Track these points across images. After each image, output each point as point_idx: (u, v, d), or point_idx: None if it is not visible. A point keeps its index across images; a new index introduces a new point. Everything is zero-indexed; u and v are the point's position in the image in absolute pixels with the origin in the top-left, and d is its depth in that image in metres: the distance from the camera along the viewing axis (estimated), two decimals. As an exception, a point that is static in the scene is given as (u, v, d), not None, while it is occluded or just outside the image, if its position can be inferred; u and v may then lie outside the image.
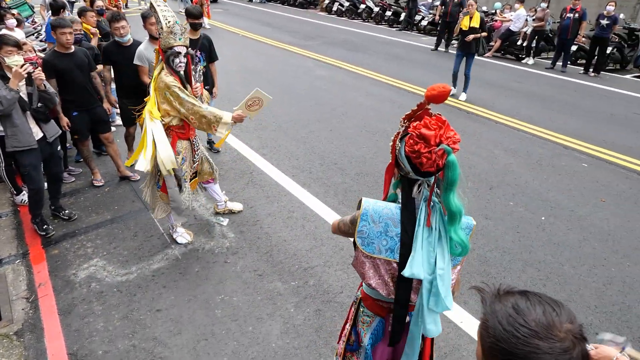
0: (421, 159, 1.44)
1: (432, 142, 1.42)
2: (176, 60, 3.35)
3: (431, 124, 1.44)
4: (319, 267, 3.69)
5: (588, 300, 3.47)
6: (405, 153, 1.49)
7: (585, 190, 5.10)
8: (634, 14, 12.34)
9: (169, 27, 3.30)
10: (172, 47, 3.33)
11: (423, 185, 1.55)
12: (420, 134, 1.43)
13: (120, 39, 4.66)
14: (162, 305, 3.27)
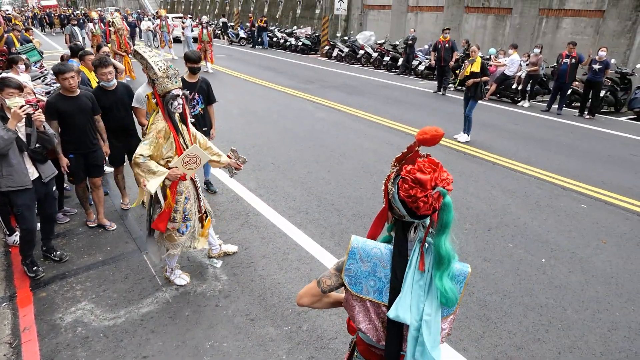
0: (418, 203, 1.41)
1: (427, 186, 1.40)
2: (174, 103, 3.40)
3: (425, 167, 1.42)
4: (313, 312, 3.57)
5: (593, 346, 3.33)
6: (400, 197, 1.45)
7: (585, 231, 5.02)
8: (624, 59, 12.68)
9: (164, 72, 3.36)
10: (170, 90, 3.38)
11: (419, 227, 1.52)
12: (416, 178, 1.41)
13: (106, 83, 4.74)
14: (149, 352, 3.15)
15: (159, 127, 3.39)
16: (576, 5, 13.74)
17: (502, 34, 15.89)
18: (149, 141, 3.37)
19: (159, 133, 3.39)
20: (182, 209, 3.62)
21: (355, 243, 1.57)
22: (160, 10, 20.85)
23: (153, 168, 3.33)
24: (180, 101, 3.42)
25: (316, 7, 24.98)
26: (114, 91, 4.81)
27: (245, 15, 30.20)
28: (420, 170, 1.42)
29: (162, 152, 3.44)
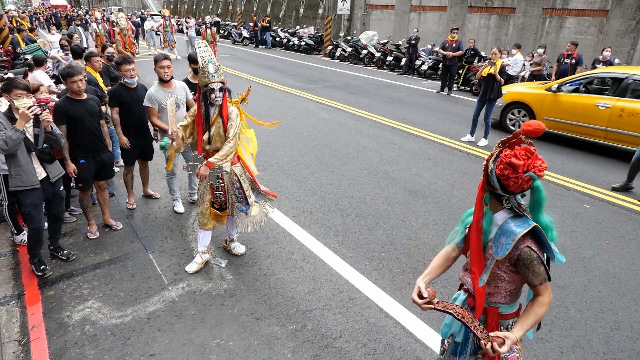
0: (508, 182, 1.73)
1: (519, 170, 1.69)
2: (212, 96, 3.69)
3: (520, 154, 1.71)
4: (317, 311, 3.61)
5: (596, 346, 3.35)
6: (496, 174, 1.77)
7: (588, 232, 5.04)
8: (628, 58, 12.66)
9: (203, 66, 3.63)
10: (208, 84, 3.65)
11: (510, 199, 1.82)
12: (510, 162, 1.71)
13: (130, 80, 4.81)
14: (156, 350, 3.19)
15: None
16: (580, 5, 13.73)
17: (506, 33, 15.89)
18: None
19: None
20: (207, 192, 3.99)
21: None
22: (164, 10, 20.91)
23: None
24: (218, 94, 3.69)
25: (319, 6, 25.00)
26: (135, 89, 4.88)
27: (248, 15, 30.26)
28: (516, 156, 1.71)
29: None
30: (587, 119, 7.78)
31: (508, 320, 2.04)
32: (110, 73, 6.47)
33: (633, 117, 7.17)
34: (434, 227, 5.02)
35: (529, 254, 1.78)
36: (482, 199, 1.90)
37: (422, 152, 7.60)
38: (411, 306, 3.69)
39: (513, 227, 1.79)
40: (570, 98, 8.06)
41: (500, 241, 1.83)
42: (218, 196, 4.00)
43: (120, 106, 4.79)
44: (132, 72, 4.79)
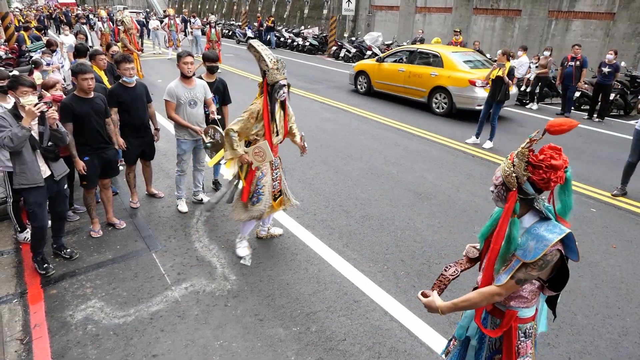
0: (549, 183, 1.75)
1: (560, 169, 1.73)
2: (280, 92, 3.91)
3: (556, 154, 1.76)
4: (321, 312, 3.58)
5: (604, 352, 3.31)
6: (530, 180, 1.78)
7: (595, 236, 4.99)
8: (635, 62, 12.58)
9: (274, 64, 3.80)
10: (278, 81, 3.86)
11: (538, 199, 1.85)
12: (551, 164, 1.74)
13: (128, 79, 4.79)
14: (158, 351, 3.16)
15: (253, 109, 3.95)
16: (586, 8, 13.66)
17: (511, 35, 15.83)
18: (242, 119, 3.94)
19: (252, 114, 3.95)
20: (256, 182, 4.11)
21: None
22: (169, 9, 20.94)
23: (234, 146, 3.95)
24: (285, 90, 3.94)
25: (324, 7, 24.99)
26: (134, 88, 4.87)
27: (253, 15, 30.28)
28: (552, 157, 1.75)
29: (250, 130, 3.99)
30: (394, 80, 11.35)
31: (526, 324, 2.02)
32: (114, 71, 6.45)
33: (416, 77, 10.78)
34: (439, 230, 4.98)
35: (553, 256, 1.78)
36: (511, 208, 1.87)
37: (426, 153, 7.56)
38: (416, 309, 3.65)
39: (544, 232, 1.79)
40: (387, 66, 11.62)
41: (528, 245, 1.80)
42: (275, 186, 4.26)
43: (118, 106, 4.76)
44: (131, 71, 4.77)
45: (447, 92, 10.10)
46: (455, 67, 10.09)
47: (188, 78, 4.79)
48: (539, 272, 1.80)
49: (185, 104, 4.81)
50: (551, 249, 1.75)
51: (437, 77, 10.27)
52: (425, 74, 10.53)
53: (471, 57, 10.74)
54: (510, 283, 1.83)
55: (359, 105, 11.06)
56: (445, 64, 10.24)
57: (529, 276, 1.80)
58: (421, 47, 11.24)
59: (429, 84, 10.44)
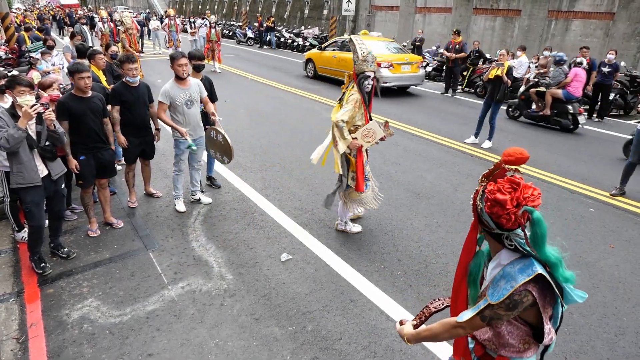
0: (500, 220, 1.54)
1: (507, 206, 1.50)
2: (365, 82, 4.22)
3: (504, 188, 1.52)
4: (317, 312, 3.57)
5: (600, 352, 3.30)
6: (486, 212, 1.58)
7: (593, 235, 4.98)
8: (634, 62, 12.56)
9: (364, 56, 4.16)
10: (364, 72, 4.19)
11: (512, 237, 1.60)
12: (495, 198, 1.52)
13: (131, 79, 4.80)
14: (154, 350, 3.17)
15: (356, 97, 4.25)
16: (586, 8, 13.65)
17: (511, 35, 15.82)
18: (348, 109, 4.23)
19: (356, 103, 4.25)
20: (367, 170, 4.50)
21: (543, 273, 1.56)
22: (169, 9, 20.96)
23: (345, 135, 4.23)
24: (370, 82, 4.21)
25: (324, 7, 25.00)
26: (137, 88, 4.88)
27: (253, 15, 30.29)
28: (499, 190, 1.53)
29: (354, 119, 4.28)
30: (330, 64, 13.75)
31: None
32: (114, 71, 6.47)
33: (344, 61, 12.77)
34: (437, 229, 4.97)
35: (523, 297, 1.54)
36: (473, 239, 1.72)
37: (425, 153, 7.55)
38: (413, 308, 3.65)
39: (515, 272, 1.56)
40: (326, 54, 13.97)
41: (499, 284, 1.59)
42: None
43: (121, 105, 4.77)
44: (135, 72, 4.78)
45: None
46: None
47: (183, 79, 4.79)
48: (508, 312, 1.56)
49: (182, 104, 4.81)
50: (520, 289, 1.52)
51: None
52: (349, 59, 11.31)
53: (387, 44, 12.99)
54: (475, 320, 1.62)
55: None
56: None
57: (497, 315, 1.57)
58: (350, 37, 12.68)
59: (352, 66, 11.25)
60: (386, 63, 11.67)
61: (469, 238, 1.74)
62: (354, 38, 4.30)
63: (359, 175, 4.43)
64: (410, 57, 12.52)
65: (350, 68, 11.40)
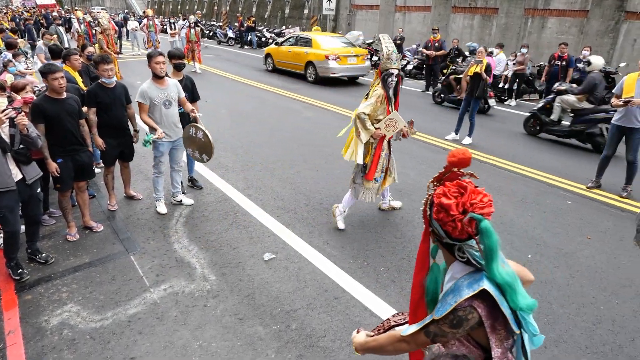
0: (446, 227, 1.41)
1: (453, 212, 1.37)
2: (389, 80, 4.47)
3: (450, 192, 1.41)
4: (301, 310, 3.58)
5: (579, 340, 3.38)
6: (434, 219, 1.46)
7: (570, 227, 5.10)
8: (608, 58, 12.88)
9: (388, 54, 4.39)
10: (388, 69, 4.42)
11: (465, 249, 1.46)
12: (440, 203, 1.40)
13: (107, 80, 4.72)
14: (136, 353, 3.12)
15: (379, 93, 4.51)
16: (561, 5, 13.95)
17: (489, 33, 16.06)
18: (370, 103, 4.51)
19: (379, 98, 4.51)
20: (382, 162, 4.74)
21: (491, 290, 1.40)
22: (147, 10, 20.66)
23: (367, 126, 4.49)
24: (394, 79, 4.47)
25: (305, 7, 24.98)
26: (113, 89, 4.79)
27: (233, 15, 30.09)
28: (445, 194, 1.41)
29: (376, 113, 4.55)
30: (285, 58, 14.92)
31: None
32: (90, 72, 6.36)
33: (297, 55, 14.16)
34: (419, 225, 5.02)
35: (468, 313, 1.40)
36: (426, 251, 1.59)
37: (407, 150, 7.61)
38: (396, 304, 3.68)
39: (464, 286, 1.42)
40: (283, 49, 15.11)
41: (446, 298, 1.45)
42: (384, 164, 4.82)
43: (97, 106, 4.68)
44: (110, 72, 4.70)
45: (313, 65, 13.55)
46: (319, 46, 13.56)
47: (160, 78, 4.73)
48: (453, 330, 1.42)
49: (160, 104, 4.75)
50: (464, 304, 1.39)
51: (308, 54, 13.79)
52: (301, 53, 14.02)
53: (336, 39, 14.60)
54: (419, 335, 1.48)
55: (339, 103, 11.08)
56: (313, 45, 13.75)
57: (441, 332, 1.43)
58: (301, 33, 15.48)
59: (304, 59, 13.91)
60: (333, 56, 13.02)
61: (421, 249, 1.60)
62: (382, 36, 4.56)
63: (373, 165, 4.68)
64: (356, 50, 13.82)
65: (301, 60, 12.60)
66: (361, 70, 13.99)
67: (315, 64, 13.48)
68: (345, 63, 13.26)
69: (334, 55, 13.04)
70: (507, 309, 1.39)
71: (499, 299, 1.38)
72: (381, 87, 4.52)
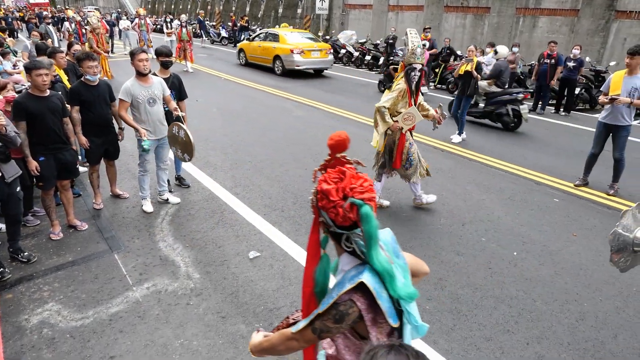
0: (329, 214, 1.37)
1: (333, 197, 1.35)
2: (412, 74, 4.66)
3: (331, 177, 1.38)
4: (285, 308, 3.56)
5: (561, 336, 3.38)
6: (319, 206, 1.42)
7: (556, 225, 5.11)
8: (599, 57, 12.96)
9: (412, 49, 4.57)
10: (412, 64, 4.60)
11: (353, 239, 1.42)
12: (321, 189, 1.38)
13: (92, 77, 4.68)
14: (116, 352, 3.10)
15: (401, 87, 4.74)
16: (552, 5, 14.00)
17: (481, 32, 16.10)
18: (392, 97, 4.74)
19: (400, 92, 4.74)
20: (406, 152, 4.98)
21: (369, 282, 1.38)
22: (139, 9, 20.56)
23: (386, 118, 4.78)
24: (417, 74, 4.65)
25: (298, 6, 24.95)
26: (97, 86, 4.75)
27: (226, 15, 30.01)
28: (325, 180, 1.38)
29: (397, 106, 4.80)
30: (255, 53, 16.14)
31: None
32: (77, 71, 6.30)
33: (266, 49, 15.39)
34: (406, 222, 5.02)
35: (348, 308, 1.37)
36: (316, 240, 1.52)
37: (397, 149, 7.61)
38: (380, 301, 3.67)
39: (347, 279, 1.40)
40: (254, 44, 16.30)
41: (332, 292, 1.42)
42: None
43: (80, 104, 4.64)
44: (95, 69, 4.66)
45: (280, 59, 14.67)
46: (285, 41, 14.72)
47: (144, 76, 4.70)
48: (337, 325, 1.38)
49: (144, 102, 4.72)
50: (344, 297, 1.37)
51: (275, 48, 14.92)
52: (270, 47, 15.25)
53: (302, 34, 15.74)
54: (306, 332, 1.44)
55: (331, 102, 11.07)
56: (280, 40, 14.92)
57: (326, 327, 1.39)
58: (270, 30, 16.58)
59: (272, 53, 15.08)
60: (298, 50, 14.15)
61: (311, 240, 1.53)
62: (409, 31, 4.75)
63: (397, 154, 4.95)
64: (319, 45, 15.00)
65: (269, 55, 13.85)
66: (324, 63, 15.01)
67: (282, 57, 14.62)
68: (309, 57, 14.37)
69: (298, 49, 14.18)
70: (385, 301, 1.37)
71: (377, 293, 1.36)
72: (404, 81, 4.72)
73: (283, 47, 14.65)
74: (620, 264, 2.02)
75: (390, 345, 0.97)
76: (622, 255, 2.00)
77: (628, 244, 1.93)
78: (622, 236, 1.97)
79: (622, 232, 1.98)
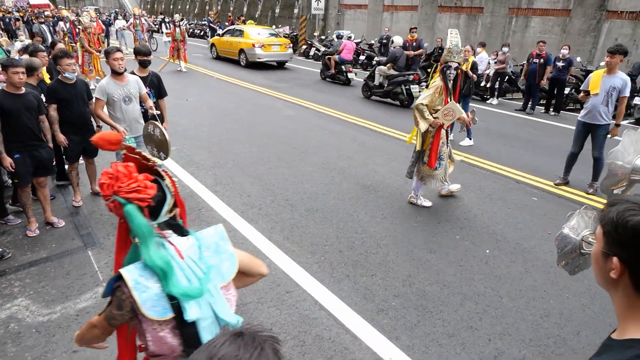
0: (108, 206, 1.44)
1: (104, 192, 1.42)
2: (447, 72, 4.85)
3: (108, 173, 1.44)
4: (251, 304, 3.59)
5: (524, 333, 3.41)
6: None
7: (533, 223, 5.13)
8: (590, 57, 12.96)
9: (449, 48, 4.76)
10: (447, 62, 4.81)
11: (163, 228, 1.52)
12: (101, 184, 1.44)
13: (70, 74, 4.72)
14: (79, 347, 3.12)
15: (438, 84, 4.89)
16: (544, 5, 14.02)
17: (474, 32, 16.12)
18: (429, 94, 4.90)
19: (437, 89, 4.88)
20: (440, 151, 5.11)
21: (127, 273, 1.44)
22: (135, 8, 20.62)
23: (426, 115, 4.91)
24: (453, 72, 4.84)
25: (294, 6, 24.99)
26: (74, 85, 4.79)
27: (224, 15, 30.06)
28: (105, 173, 1.44)
29: (434, 104, 4.93)
30: (224, 47, 17.88)
31: None
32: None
33: (233, 44, 17.12)
34: (382, 221, 5.05)
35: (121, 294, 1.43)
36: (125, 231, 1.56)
37: (382, 148, 7.64)
38: (347, 298, 3.70)
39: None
40: (223, 39, 17.96)
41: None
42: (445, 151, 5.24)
43: (58, 103, 4.68)
44: (74, 67, 4.71)
45: (244, 52, 16.43)
46: (249, 36, 16.56)
47: (120, 74, 4.74)
48: (120, 312, 1.44)
49: (120, 100, 4.75)
50: (117, 284, 1.45)
51: (240, 43, 16.68)
52: (236, 42, 17.03)
53: (264, 30, 17.86)
54: (101, 319, 1.50)
55: (322, 102, 11.10)
56: (244, 35, 16.74)
57: (112, 315, 1.45)
58: (237, 26, 18.64)
59: (238, 47, 16.81)
60: (259, 44, 16.00)
61: (120, 229, 1.59)
62: (450, 31, 4.94)
63: (432, 153, 5.07)
64: (279, 40, 16.94)
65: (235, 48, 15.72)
66: (284, 56, 16.71)
67: (246, 51, 16.40)
68: (269, 50, 16.17)
69: (259, 43, 16.03)
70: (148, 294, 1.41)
71: (136, 284, 1.40)
72: (440, 79, 4.88)
73: (247, 42, 16.39)
74: (568, 267, 2.02)
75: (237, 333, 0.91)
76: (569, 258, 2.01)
77: (575, 246, 1.93)
78: (569, 238, 1.97)
79: (569, 234, 1.97)
